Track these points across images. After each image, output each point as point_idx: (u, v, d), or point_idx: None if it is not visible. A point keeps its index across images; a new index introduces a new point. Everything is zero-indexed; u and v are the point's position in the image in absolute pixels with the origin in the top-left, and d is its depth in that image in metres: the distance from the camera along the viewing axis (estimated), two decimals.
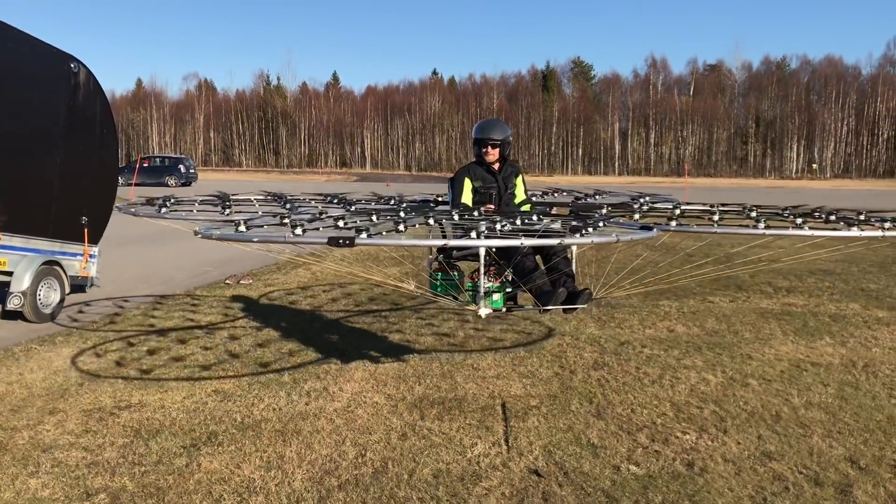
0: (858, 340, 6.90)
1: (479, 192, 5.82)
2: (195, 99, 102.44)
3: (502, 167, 5.94)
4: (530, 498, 3.72)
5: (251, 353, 6.42)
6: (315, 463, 4.13)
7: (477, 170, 5.88)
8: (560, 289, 5.01)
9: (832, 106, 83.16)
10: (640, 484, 3.88)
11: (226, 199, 6.00)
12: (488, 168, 5.87)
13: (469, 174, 5.85)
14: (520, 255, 5.06)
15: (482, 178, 5.86)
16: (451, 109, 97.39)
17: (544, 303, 5.00)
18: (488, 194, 5.86)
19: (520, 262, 5.11)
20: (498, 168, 5.91)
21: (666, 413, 4.95)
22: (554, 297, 4.97)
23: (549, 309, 5.05)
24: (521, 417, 4.84)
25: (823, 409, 5.02)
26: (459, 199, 5.78)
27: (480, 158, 5.85)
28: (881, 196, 42.89)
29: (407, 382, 5.56)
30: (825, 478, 3.93)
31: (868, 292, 9.45)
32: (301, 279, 10.48)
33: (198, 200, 6.03)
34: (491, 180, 5.88)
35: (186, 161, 48.47)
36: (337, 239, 3.79)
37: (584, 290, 5.10)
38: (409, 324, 7.62)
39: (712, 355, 6.36)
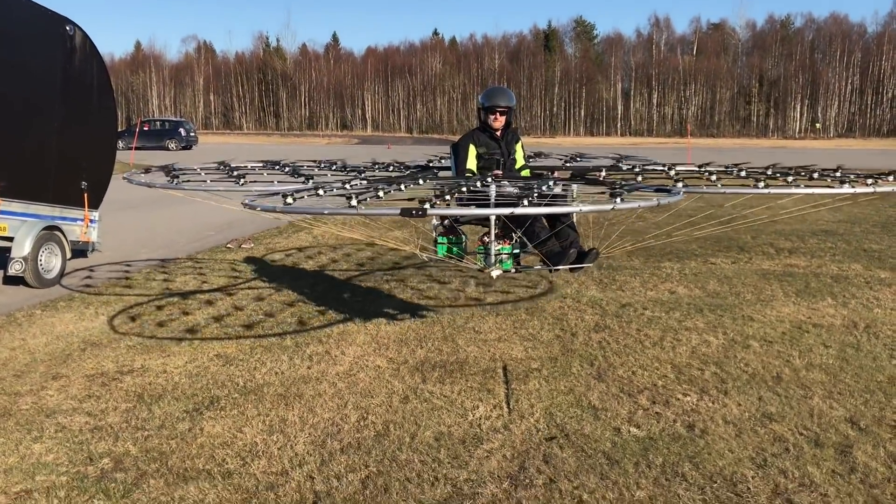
0: (860, 301, 6.89)
1: (483, 157, 5.81)
2: (194, 61, 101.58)
3: (504, 133, 5.93)
4: (531, 460, 3.74)
5: (253, 317, 6.42)
6: (317, 426, 4.15)
7: (481, 136, 5.86)
8: (571, 249, 5.03)
9: (836, 65, 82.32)
10: (641, 446, 3.89)
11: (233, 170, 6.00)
12: (492, 134, 5.86)
13: (473, 140, 5.83)
14: (531, 219, 5.07)
15: (486, 144, 5.84)
16: (452, 70, 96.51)
17: (555, 263, 5.04)
18: (493, 160, 5.85)
19: (530, 225, 5.12)
20: (500, 134, 5.89)
21: (667, 375, 4.96)
22: (565, 257, 5.01)
23: (560, 269, 5.08)
24: (522, 380, 4.85)
25: (824, 370, 5.02)
26: (464, 165, 5.75)
27: (486, 125, 5.83)
28: (884, 156, 42.64)
29: (409, 345, 5.57)
30: (825, 439, 3.95)
31: (870, 253, 9.42)
32: (302, 242, 10.47)
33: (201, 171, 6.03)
34: (494, 146, 5.87)
35: (187, 124, 48.18)
36: (410, 210, 3.79)
37: (592, 250, 5.12)
38: (411, 285, 7.62)
39: (714, 317, 6.36)
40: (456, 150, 5.96)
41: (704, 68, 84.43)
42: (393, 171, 6.49)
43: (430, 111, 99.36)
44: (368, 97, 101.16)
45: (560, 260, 5.02)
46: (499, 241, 5.02)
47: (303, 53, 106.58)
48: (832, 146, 62.48)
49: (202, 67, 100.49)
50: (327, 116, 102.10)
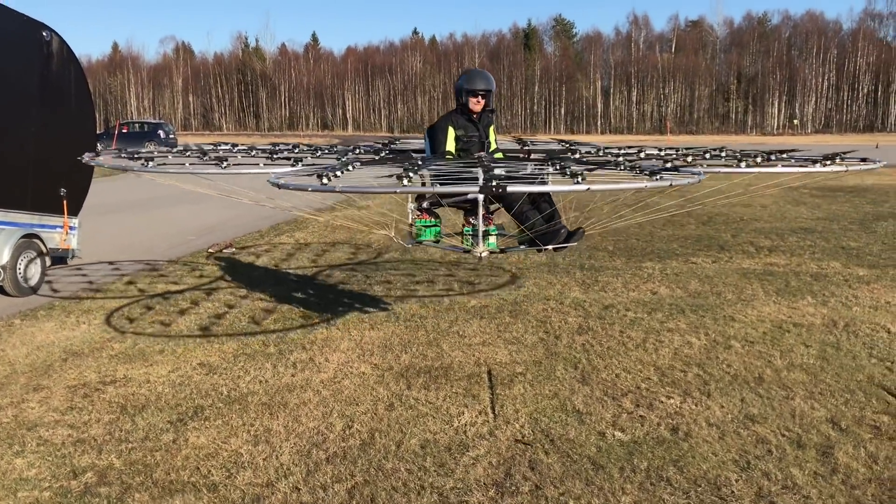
0: (839, 299, 6.96)
1: (461, 140, 5.82)
2: (173, 62, 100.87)
3: (481, 116, 5.96)
4: (517, 466, 3.76)
5: (236, 324, 6.39)
6: (302, 436, 4.14)
7: (459, 118, 5.87)
8: (560, 229, 5.11)
9: (813, 61, 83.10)
10: (626, 450, 3.92)
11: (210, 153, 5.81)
12: (469, 117, 5.88)
13: (452, 122, 5.83)
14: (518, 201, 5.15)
15: (464, 126, 5.85)
16: (432, 70, 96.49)
17: (546, 242, 5.09)
18: (472, 142, 5.87)
19: (518, 206, 5.20)
20: (478, 117, 5.92)
21: (650, 377, 4.99)
22: (556, 235, 5.07)
23: (548, 248, 5.14)
24: (506, 385, 4.86)
25: (805, 370, 5.08)
26: (443, 147, 5.75)
27: (465, 107, 5.84)
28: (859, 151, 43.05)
29: (393, 351, 5.57)
30: (807, 440, 3.99)
31: (848, 250, 9.53)
32: (284, 245, 10.43)
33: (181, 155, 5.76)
34: (472, 129, 5.89)
35: (166, 126, 47.80)
36: (490, 186, 3.78)
37: (578, 230, 5.19)
38: (395, 287, 7.61)
39: (695, 318, 6.40)
40: (433, 132, 5.92)
41: (683, 66, 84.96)
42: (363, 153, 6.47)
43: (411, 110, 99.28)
44: (349, 97, 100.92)
45: (551, 239, 5.08)
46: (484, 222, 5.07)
47: (282, 53, 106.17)
48: (810, 142, 62.98)
49: (181, 68, 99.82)
50: (307, 116, 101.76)
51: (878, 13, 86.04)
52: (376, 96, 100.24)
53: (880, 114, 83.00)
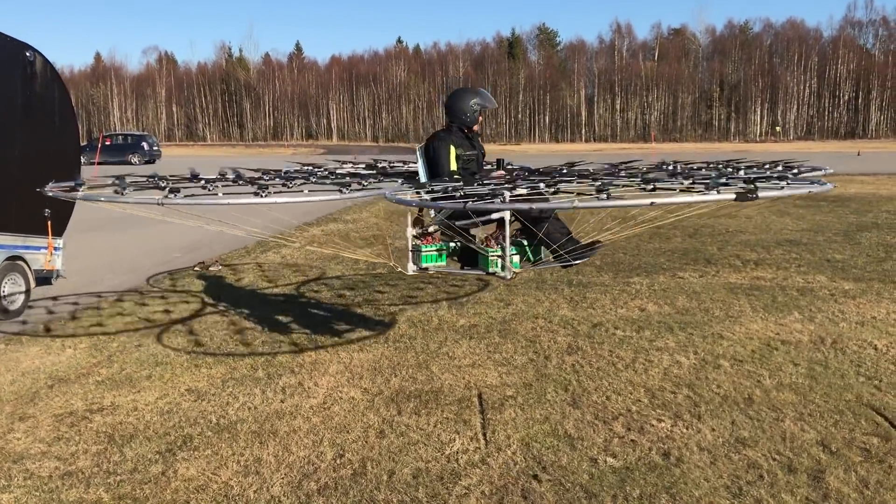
0: (826, 315, 7.00)
1: (461, 158, 5.82)
2: (156, 73, 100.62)
3: (472, 133, 6.00)
4: (510, 496, 3.74)
5: (223, 348, 6.35)
6: (293, 466, 4.11)
7: (456, 137, 5.87)
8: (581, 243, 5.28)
9: (794, 69, 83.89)
10: (618, 477, 3.91)
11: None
12: (465, 135, 5.91)
13: (453, 141, 5.82)
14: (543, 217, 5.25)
15: (462, 144, 5.86)
16: (417, 79, 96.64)
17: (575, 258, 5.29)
18: (471, 160, 5.89)
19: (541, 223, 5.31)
20: (472, 133, 5.97)
21: (640, 399, 4.99)
22: (580, 250, 5.25)
23: (576, 263, 5.37)
24: (497, 409, 4.85)
25: (794, 390, 5.10)
26: (448, 167, 5.75)
27: (466, 126, 5.90)
28: (840, 158, 43.49)
29: (383, 374, 5.55)
30: (798, 464, 4.00)
31: (834, 263, 9.59)
32: (271, 263, 10.38)
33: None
34: (469, 146, 5.90)
35: (149, 138, 47.70)
36: (745, 194, 3.76)
37: (596, 242, 5.29)
38: (382, 308, 7.59)
39: (684, 336, 6.42)
40: (437, 151, 5.84)
41: (666, 74, 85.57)
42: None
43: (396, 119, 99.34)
44: (333, 106, 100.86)
45: (574, 252, 5.24)
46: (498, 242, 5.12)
47: (266, 63, 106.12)
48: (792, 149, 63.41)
49: (164, 79, 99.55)
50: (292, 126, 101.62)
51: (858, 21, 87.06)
52: (361, 106, 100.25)
53: (861, 120, 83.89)
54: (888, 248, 10.72)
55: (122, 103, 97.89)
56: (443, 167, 5.78)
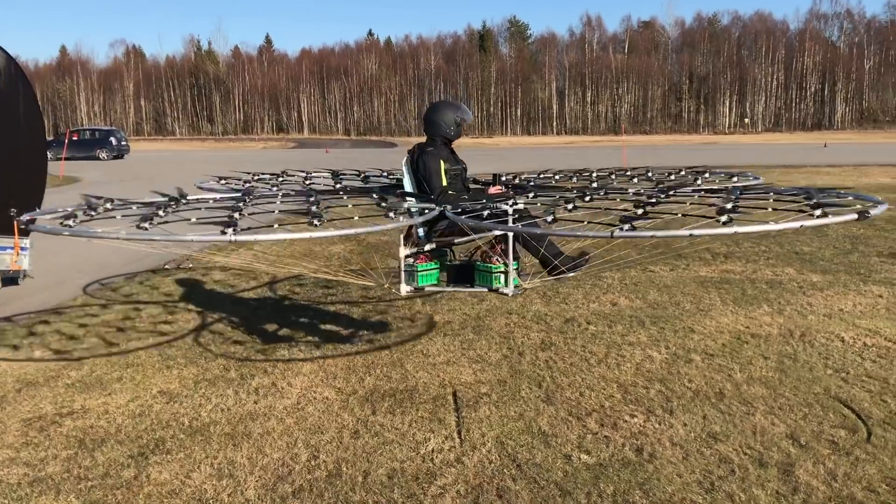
0: (795, 308, 7.10)
1: (448, 173, 5.82)
2: (124, 66, 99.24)
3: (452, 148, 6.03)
4: (485, 495, 3.76)
5: (195, 348, 6.30)
6: (267, 468, 4.08)
7: (443, 151, 5.87)
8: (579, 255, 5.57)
9: (762, 61, 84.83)
10: (592, 474, 3.94)
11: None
12: (451, 149, 5.93)
13: (442, 156, 5.82)
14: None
15: (449, 159, 5.88)
16: (388, 72, 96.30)
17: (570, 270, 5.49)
18: (457, 174, 5.90)
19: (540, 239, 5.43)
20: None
21: (613, 395, 5.03)
22: (574, 262, 5.51)
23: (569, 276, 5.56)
24: (472, 407, 4.86)
25: (764, 383, 5.16)
26: (440, 183, 5.76)
27: (452, 140, 5.95)
28: (807, 150, 44.12)
29: (357, 373, 5.53)
30: (769, 458, 4.06)
31: (802, 255, 9.73)
32: (243, 261, 10.29)
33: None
34: (454, 161, 5.91)
35: (117, 133, 46.99)
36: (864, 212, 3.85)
37: (586, 254, 5.55)
38: (356, 306, 7.58)
39: (655, 330, 6.48)
40: (427, 166, 5.81)
41: (636, 66, 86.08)
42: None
43: (368, 113, 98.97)
44: (304, 99, 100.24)
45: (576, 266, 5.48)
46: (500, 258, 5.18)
47: (235, 56, 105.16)
48: (761, 140, 64.23)
49: (132, 72, 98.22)
50: (262, 120, 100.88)
51: (824, 14, 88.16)
52: (332, 99, 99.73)
53: (827, 112, 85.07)
54: (854, 239, 10.89)
55: (88, 97, 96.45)
56: (435, 183, 5.75)
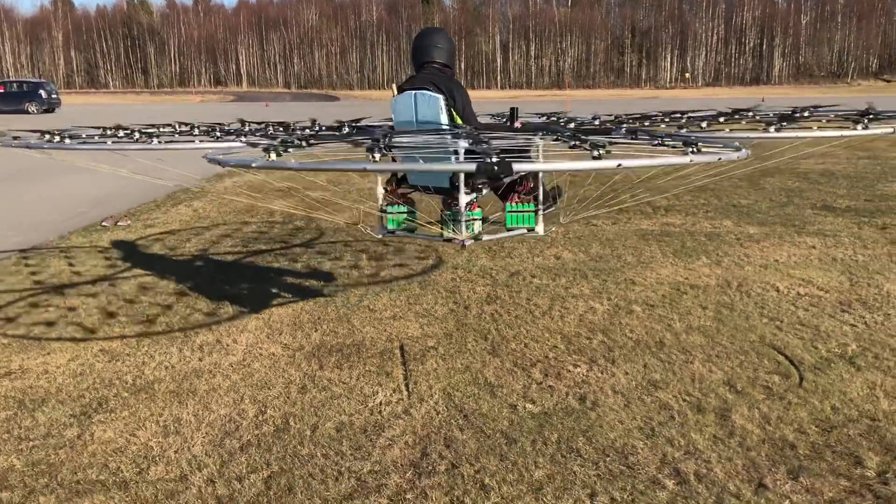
0: (732, 259, 7.30)
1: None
2: (51, 15, 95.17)
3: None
4: (433, 445, 3.81)
5: (136, 306, 6.19)
6: (214, 424, 4.07)
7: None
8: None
9: (703, 15, 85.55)
10: (537, 422, 4.03)
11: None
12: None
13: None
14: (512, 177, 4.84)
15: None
16: (329, 23, 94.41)
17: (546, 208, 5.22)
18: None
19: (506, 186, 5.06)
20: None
21: (557, 346, 5.12)
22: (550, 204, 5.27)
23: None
24: (419, 360, 4.90)
25: (702, 332, 5.32)
26: (475, 117, 5.29)
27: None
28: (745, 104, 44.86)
29: (303, 329, 5.52)
30: (706, 404, 4.20)
31: (739, 208, 9.97)
32: (182, 217, 10.11)
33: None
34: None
35: (48, 85, 45.24)
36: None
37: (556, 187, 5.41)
38: (301, 263, 7.52)
39: (598, 282, 6.59)
40: (467, 99, 5.22)
41: (579, 20, 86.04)
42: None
43: (308, 65, 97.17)
44: (242, 51, 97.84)
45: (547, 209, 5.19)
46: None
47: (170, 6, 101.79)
48: (701, 95, 65.16)
49: (60, 22, 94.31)
50: (199, 72, 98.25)
51: None
52: (271, 51, 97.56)
53: (765, 67, 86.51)
54: (789, 192, 11.20)
55: (14, 48, 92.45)
56: (474, 116, 5.27)
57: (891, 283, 6.42)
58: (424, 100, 5.02)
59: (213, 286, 6.71)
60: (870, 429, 3.88)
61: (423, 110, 5.05)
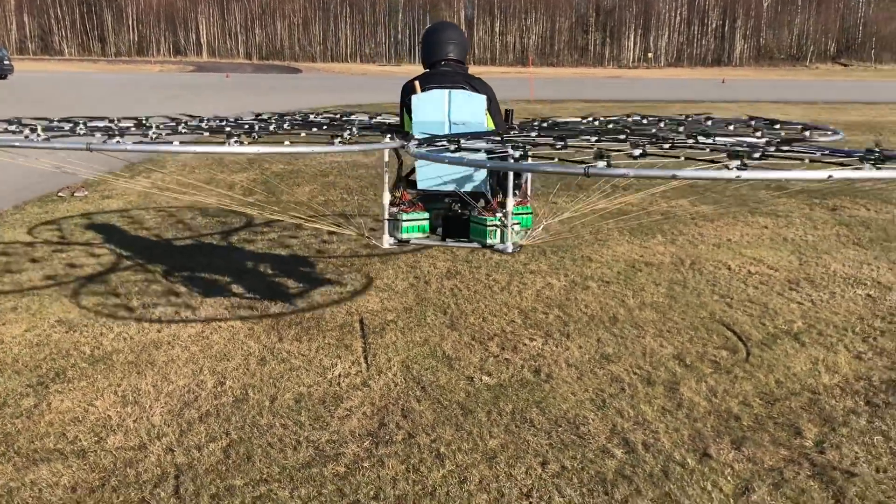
0: (686, 238, 7.47)
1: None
2: None
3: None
4: (390, 416, 3.89)
5: (95, 277, 6.15)
6: (173, 395, 4.10)
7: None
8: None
9: None
10: (492, 394, 4.13)
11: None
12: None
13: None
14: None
15: None
16: None
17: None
18: None
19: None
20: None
21: (514, 320, 5.23)
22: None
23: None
24: (378, 333, 4.97)
25: (655, 308, 5.46)
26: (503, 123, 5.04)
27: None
28: (705, 85, 45.45)
29: (262, 302, 5.54)
30: (656, 377, 4.34)
31: (695, 188, 10.14)
32: (141, 188, 9.99)
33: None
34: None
35: None
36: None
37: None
38: (262, 236, 7.52)
39: (556, 259, 6.71)
40: (497, 104, 5.02)
41: None
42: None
43: (270, 36, 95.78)
44: (203, 20, 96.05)
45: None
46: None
47: None
48: (664, 76, 65.61)
49: None
50: (158, 41, 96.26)
51: None
52: (232, 21, 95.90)
53: (727, 48, 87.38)
54: None
55: None
56: (501, 117, 5.02)
57: (837, 263, 6.64)
58: (463, 99, 4.69)
59: (171, 258, 6.69)
60: (810, 401, 4.05)
61: (461, 110, 4.70)
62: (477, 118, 4.70)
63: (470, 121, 4.67)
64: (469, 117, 4.68)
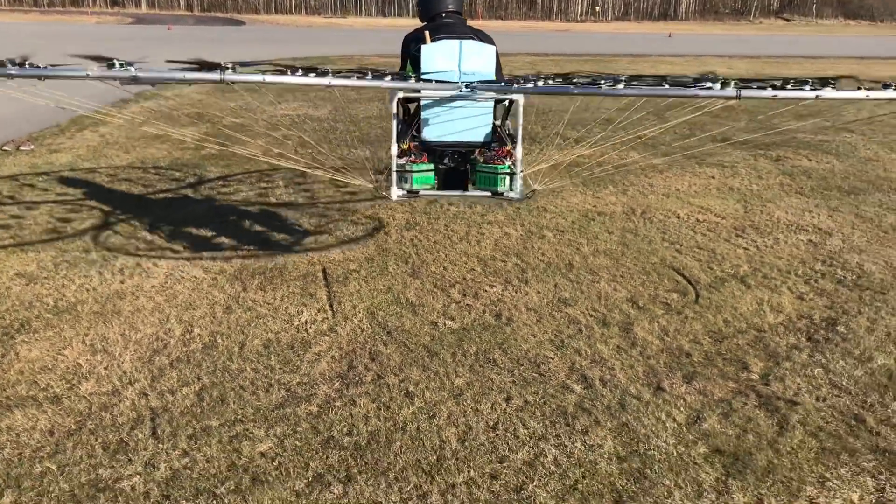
0: (637, 188, 7.68)
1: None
2: None
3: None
4: (359, 359, 4.02)
5: (49, 229, 6.09)
6: (142, 343, 4.16)
7: None
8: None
9: None
10: (456, 337, 4.28)
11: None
12: None
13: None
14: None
15: None
16: None
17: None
18: None
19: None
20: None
21: (474, 268, 5.37)
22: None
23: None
24: (342, 282, 5.07)
25: (608, 255, 5.66)
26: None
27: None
28: (652, 39, 45.77)
29: (224, 253, 5.58)
30: (611, 318, 4.54)
31: (645, 140, 10.35)
32: (89, 143, 9.82)
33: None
34: None
35: None
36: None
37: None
38: (218, 189, 7.50)
39: (512, 210, 6.85)
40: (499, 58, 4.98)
41: None
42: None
43: None
44: None
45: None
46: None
47: None
48: (611, 30, 65.77)
49: None
50: None
51: None
52: None
53: (673, 3, 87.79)
54: (692, 125, 11.67)
55: None
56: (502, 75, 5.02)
57: (781, 211, 6.92)
58: (476, 49, 4.71)
59: (127, 210, 6.65)
60: (756, 339, 4.30)
61: (472, 61, 4.70)
62: (487, 68, 4.72)
63: (480, 70, 4.70)
64: (480, 67, 4.70)
